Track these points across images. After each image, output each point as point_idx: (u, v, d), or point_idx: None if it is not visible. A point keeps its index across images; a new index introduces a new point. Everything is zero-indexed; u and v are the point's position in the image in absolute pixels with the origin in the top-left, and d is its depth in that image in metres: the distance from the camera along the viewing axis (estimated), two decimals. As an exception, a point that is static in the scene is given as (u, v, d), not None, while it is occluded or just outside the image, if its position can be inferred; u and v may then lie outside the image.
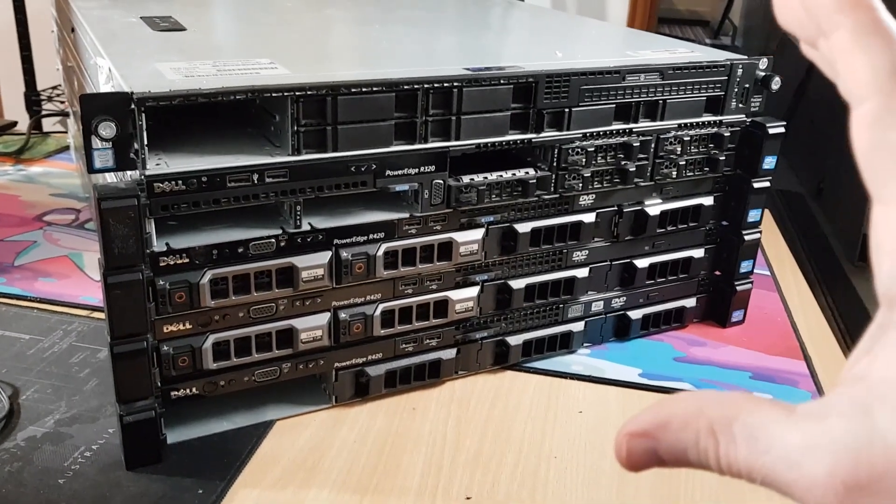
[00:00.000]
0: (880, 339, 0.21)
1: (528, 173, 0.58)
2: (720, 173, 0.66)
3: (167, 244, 0.49)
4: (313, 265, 0.52)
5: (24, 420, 0.55)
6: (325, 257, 0.52)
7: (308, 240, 0.52)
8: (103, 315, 0.49)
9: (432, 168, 0.54)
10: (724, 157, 0.65)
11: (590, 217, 0.62)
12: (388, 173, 0.53)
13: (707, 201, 0.67)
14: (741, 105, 0.65)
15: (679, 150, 0.63)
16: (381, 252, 0.54)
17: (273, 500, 0.49)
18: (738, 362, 0.67)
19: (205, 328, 0.51)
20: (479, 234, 0.57)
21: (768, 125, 0.65)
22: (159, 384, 0.51)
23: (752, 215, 0.68)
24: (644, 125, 0.61)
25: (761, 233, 0.69)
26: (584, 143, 0.59)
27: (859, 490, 0.18)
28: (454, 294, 0.58)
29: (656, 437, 0.22)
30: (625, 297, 0.67)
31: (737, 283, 0.70)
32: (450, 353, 0.60)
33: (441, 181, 0.55)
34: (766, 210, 0.86)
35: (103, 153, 0.45)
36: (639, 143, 0.61)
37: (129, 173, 0.47)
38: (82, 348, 0.63)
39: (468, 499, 0.50)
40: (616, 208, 0.63)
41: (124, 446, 0.50)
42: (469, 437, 0.56)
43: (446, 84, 0.53)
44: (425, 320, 0.58)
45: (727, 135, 0.65)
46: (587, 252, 0.63)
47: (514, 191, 0.57)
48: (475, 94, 0.54)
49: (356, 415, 0.57)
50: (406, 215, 0.55)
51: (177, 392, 0.52)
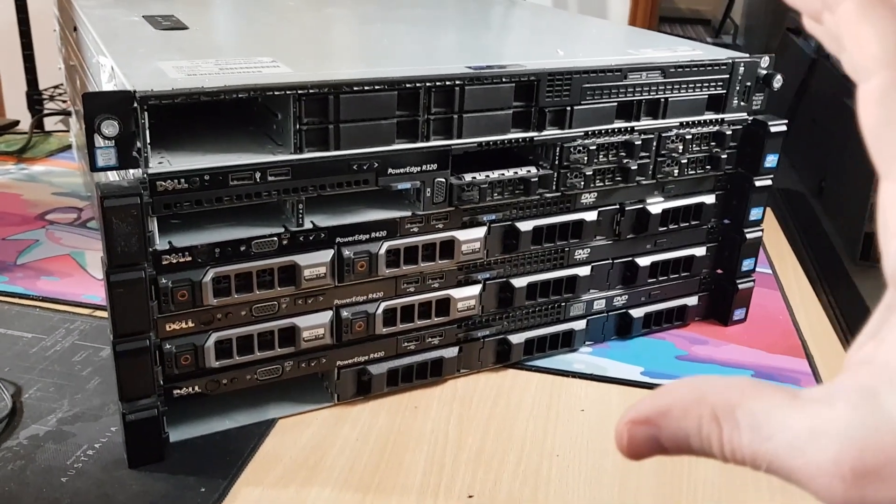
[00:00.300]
0: (887, 320, 0.20)
1: (529, 172, 0.58)
2: (722, 171, 0.66)
3: (170, 242, 0.49)
4: (315, 263, 0.52)
5: (26, 418, 0.55)
6: (327, 256, 0.53)
7: (310, 238, 0.52)
8: (105, 313, 0.49)
9: (434, 166, 0.54)
10: (725, 156, 0.65)
11: (592, 215, 0.62)
12: (390, 172, 0.53)
13: (709, 200, 0.67)
14: (743, 103, 0.65)
15: (681, 148, 0.63)
16: (383, 250, 0.54)
17: (275, 499, 0.49)
18: (740, 360, 0.67)
19: (207, 326, 0.51)
20: (480, 232, 0.58)
21: (770, 123, 0.65)
22: (162, 382, 0.51)
23: (754, 213, 0.68)
24: (646, 123, 0.61)
25: (763, 231, 0.69)
26: (586, 141, 0.59)
27: (867, 476, 0.18)
28: (456, 292, 0.58)
29: (658, 424, 0.22)
30: (627, 296, 0.67)
31: (738, 281, 0.70)
32: (452, 352, 0.60)
33: (443, 179, 0.55)
34: (768, 208, 0.86)
35: (106, 151, 0.45)
36: (640, 142, 0.61)
37: (131, 172, 0.47)
38: (85, 347, 0.63)
39: (470, 497, 0.50)
40: (618, 207, 0.63)
41: (127, 445, 0.50)
42: (471, 436, 0.56)
43: (448, 82, 0.53)
44: (427, 319, 0.58)
45: (729, 133, 0.65)
46: (589, 250, 0.63)
47: (515, 189, 0.57)
48: (477, 93, 0.54)
49: (358, 413, 0.57)
50: (408, 214, 0.55)
51: (179, 390, 0.52)
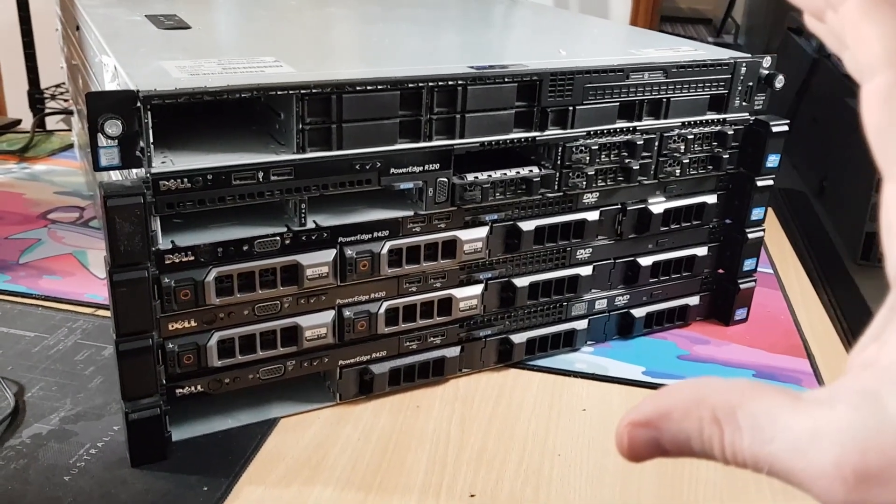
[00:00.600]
0: (890, 322, 0.20)
1: (532, 171, 0.58)
2: (724, 171, 0.66)
3: (172, 242, 0.49)
4: (318, 263, 0.52)
5: (29, 417, 0.55)
6: (329, 255, 0.53)
7: (313, 238, 0.52)
8: (108, 312, 0.49)
9: (437, 166, 0.54)
10: (727, 156, 0.65)
11: (593, 215, 0.62)
12: (392, 171, 0.53)
13: (710, 199, 0.67)
14: (744, 103, 0.65)
15: (682, 148, 0.63)
16: (385, 250, 0.54)
17: (277, 498, 0.49)
18: (742, 360, 0.67)
19: (210, 326, 0.51)
20: (483, 232, 0.58)
21: (772, 123, 0.65)
22: (164, 382, 0.51)
23: (756, 213, 0.68)
24: (648, 123, 0.61)
25: (764, 231, 0.69)
26: (588, 141, 0.59)
27: (869, 479, 0.18)
28: (458, 292, 0.58)
29: (658, 426, 0.21)
30: (628, 296, 0.67)
31: (740, 281, 0.70)
32: (454, 351, 0.60)
33: (445, 179, 0.55)
34: (770, 208, 0.86)
35: (109, 151, 0.45)
36: (642, 142, 0.61)
37: (134, 171, 0.47)
38: (87, 346, 0.63)
39: (472, 496, 0.50)
40: (620, 206, 0.63)
41: (129, 443, 0.50)
42: (473, 435, 0.56)
43: (451, 82, 0.53)
44: (429, 318, 0.58)
45: (731, 133, 0.65)
46: (591, 250, 0.63)
47: (518, 189, 0.57)
48: (479, 93, 0.54)
49: (360, 412, 0.57)
50: (410, 213, 0.55)
51: (182, 389, 0.52)
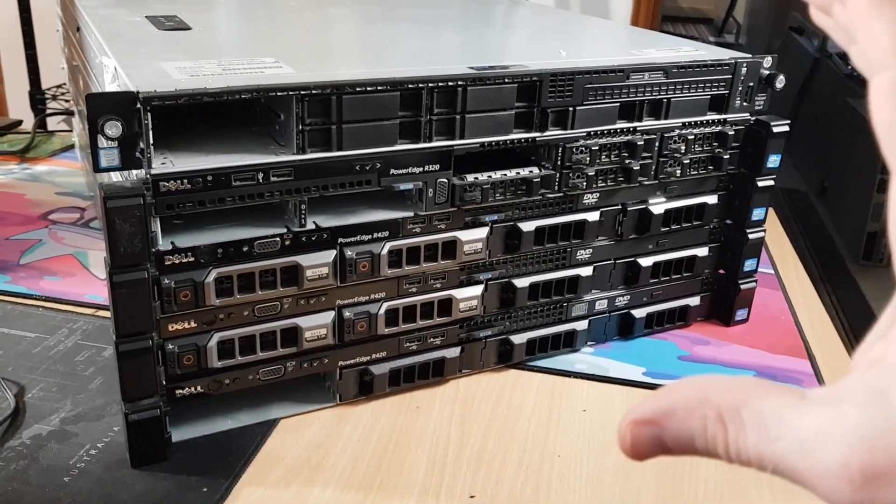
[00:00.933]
0: None
1: (532, 172, 0.58)
2: (724, 172, 0.66)
3: (172, 243, 0.49)
4: (318, 264, 0.52)
5: (29, 418, 0.55)
6: (329, 256, 0.53)
7: (313, 239, 0.52)
8: (108, 313, 0.49)
9: (437, 167, 0.54)
10: (728, 156, 0.65)
11: (594, 216, 0.62)
12: (392, 172, 0.53)
13: (711, 200, 0.67)
14: (745, 104, 0.65)
15: (683, 148, 0.63)
16: (385, 251, 0.54)
17: (277, 498, 0.49)
18: (742, 361, 0.67)
19: (210, 327, 0.51)
20: (483, 232, 0.58)
21: (772, 124, 0.65)
22: (164, 382, 0.51)
23: (756, 214, 0.68)
24: (648, 124, 0.61)
25: (765, 231, 0.69)
26: (589, 141, 0.59)
27: (876, 478, 0.18)
28: (458, 293, 0.58)
29: (661, 424, 0.21)
30: (628, 296, 0.67)
31: (741, 281, 0.70)
32: (454, 352, 0.60)
33: (445, 180, 0.55)
34: (770, 208, 0.86)
35: (109, 152, 0.45)
36: (643, 142, 0.61)
37: (134, 172, 0.47)
38: (87, 347, 0.63)
39: (472, 497, 0.50)
40: (620, 207, 0.63)
41: (129, 444, 0.50)
42: (473, 436, 0.56)
43: (451, 83, 0.53)
44: (429, 319, 0.58)
45: (731, 133, 0.65)
46: (591, 251, 0.63)
47: (518, 189, 0.57)
48: (479, 93, 0.54)
49: (360, 413, 0.57)
50: (410, 214, 0.55)
51: (182, 390, 0.52)
